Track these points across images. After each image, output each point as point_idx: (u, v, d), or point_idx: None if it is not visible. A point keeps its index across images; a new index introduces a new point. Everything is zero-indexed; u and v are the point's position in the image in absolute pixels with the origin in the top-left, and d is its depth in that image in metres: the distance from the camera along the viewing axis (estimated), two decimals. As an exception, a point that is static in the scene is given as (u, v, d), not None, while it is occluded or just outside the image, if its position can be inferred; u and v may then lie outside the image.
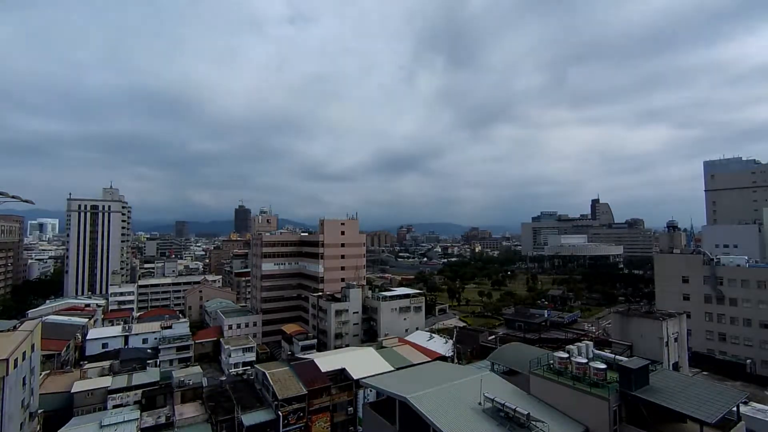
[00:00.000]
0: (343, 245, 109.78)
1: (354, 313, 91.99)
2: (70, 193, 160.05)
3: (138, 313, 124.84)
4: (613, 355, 39.53)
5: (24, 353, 40.85)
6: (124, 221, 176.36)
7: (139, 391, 56.99)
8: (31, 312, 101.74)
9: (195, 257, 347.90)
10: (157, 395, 55.62)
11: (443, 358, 69.15)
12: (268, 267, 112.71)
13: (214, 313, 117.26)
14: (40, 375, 54.48)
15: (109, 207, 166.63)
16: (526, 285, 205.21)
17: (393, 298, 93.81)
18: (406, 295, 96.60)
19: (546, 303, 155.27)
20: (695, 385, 32.56)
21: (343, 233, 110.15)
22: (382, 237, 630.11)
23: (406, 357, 66.72)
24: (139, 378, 62.20)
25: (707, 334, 78.84)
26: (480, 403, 31.59)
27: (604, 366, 32.54)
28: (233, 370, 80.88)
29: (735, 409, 30.46)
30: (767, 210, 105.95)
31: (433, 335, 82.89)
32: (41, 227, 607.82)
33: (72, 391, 56.72)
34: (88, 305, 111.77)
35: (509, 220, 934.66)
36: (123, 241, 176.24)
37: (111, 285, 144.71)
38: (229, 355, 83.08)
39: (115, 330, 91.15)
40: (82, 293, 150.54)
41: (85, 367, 67.09)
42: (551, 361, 35.66)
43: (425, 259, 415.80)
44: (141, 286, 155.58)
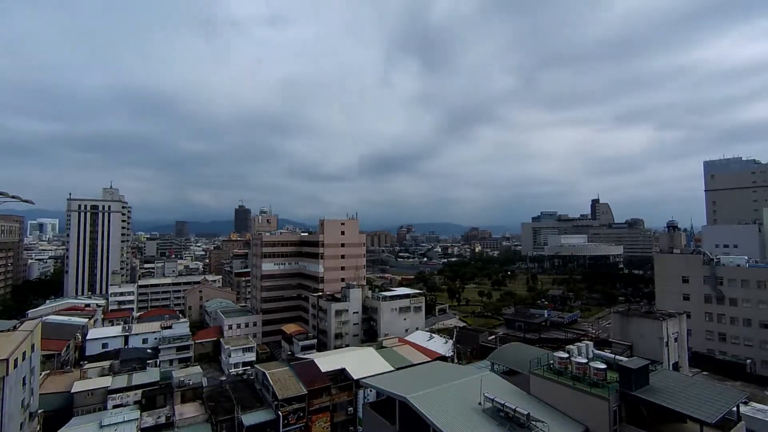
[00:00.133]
0: (343, 245, 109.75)
1: (354, 313, 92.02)
2: (70, 193, 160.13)
3: (138, 313, 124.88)
4: (613, 355, 39.48)
5: (24, 353, 40.87)
6: (124, 221, 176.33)
7: (139, 391, 56.93)
8: (31, 312, 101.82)
9: (195, 257, 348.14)
10: (157, 395, 55.58)
11: (443, 358, 69.08)
12: (268, 267, 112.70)
13: (214, 313, 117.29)
14: (40, 375, 54.48)
15: (109, 207, 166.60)
16: (526, 285, 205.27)
17: (393, 298, 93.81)
18: (406, 295, 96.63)
19: (546, 303, 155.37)
20: (695, 385, 32.54)
21: (343, 233, 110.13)
22: (382, 237, 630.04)
23: (406, 357, 66.69)
24: (139, 378, 62.18)
25: (707, 334, 78.79)
26: (480, 403, 31.57)
27: (604, 366, 32.54)
28: (233, 370, 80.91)
29: (735, 409, 30.44)
30: (767, 210, 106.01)
31: (433, 335, 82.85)
32: (41, 227, 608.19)
33: (72, 391, 56.71)
34: (88, 305, 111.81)
35: (509, 220, 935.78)
36: (123, 241, 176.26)
37: (111, 285, 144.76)
38: (229, 355, 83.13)
39: (115, 330, 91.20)
40: (82, 293, 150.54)
41: (85, 367, 67.09)
42: (551, 361, 35.65)
43: (425, 259, 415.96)
44: (141, 286, 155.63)
